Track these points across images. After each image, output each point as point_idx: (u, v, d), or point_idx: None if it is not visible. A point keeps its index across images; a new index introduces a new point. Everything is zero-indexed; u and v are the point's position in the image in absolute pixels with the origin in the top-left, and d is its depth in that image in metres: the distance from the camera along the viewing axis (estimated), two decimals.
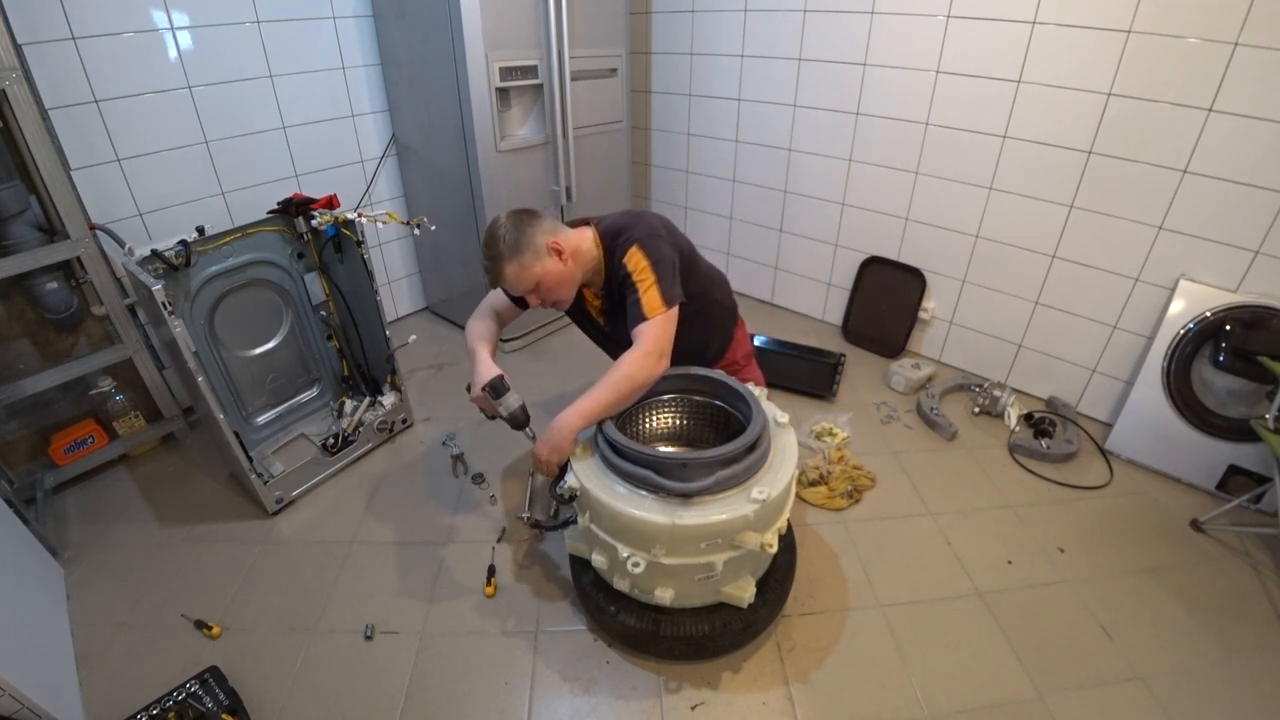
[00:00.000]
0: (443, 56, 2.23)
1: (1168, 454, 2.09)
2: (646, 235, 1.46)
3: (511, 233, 1.44)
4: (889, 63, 2.40)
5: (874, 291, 2.78)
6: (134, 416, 2.15)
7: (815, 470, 2.04)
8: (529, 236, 1.45)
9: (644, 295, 1.42)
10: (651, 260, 1.43)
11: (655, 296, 1.41)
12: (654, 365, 1.41)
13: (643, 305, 1.41)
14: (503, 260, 1.45)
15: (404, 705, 1.42)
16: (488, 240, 1.47)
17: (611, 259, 1.52)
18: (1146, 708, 1.40)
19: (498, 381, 1.51)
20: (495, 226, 1.48)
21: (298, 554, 1.82)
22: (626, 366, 1.40)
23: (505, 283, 1.50)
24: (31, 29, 1.77)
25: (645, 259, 1.43)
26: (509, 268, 1.45)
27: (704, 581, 1.36)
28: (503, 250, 1.44)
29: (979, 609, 1.63)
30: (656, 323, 1.41)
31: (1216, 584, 1.71)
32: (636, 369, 1.40)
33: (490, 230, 1.48)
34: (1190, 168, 1.91)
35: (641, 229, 1.47)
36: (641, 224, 1.49)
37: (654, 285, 1.42)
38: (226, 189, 2.32)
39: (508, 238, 1.44)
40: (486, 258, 1.48)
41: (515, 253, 1.44)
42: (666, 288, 1.42)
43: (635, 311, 1.42)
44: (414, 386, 2.53)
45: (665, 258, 1.45)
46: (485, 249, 1.48)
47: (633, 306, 1.43)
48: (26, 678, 1.23)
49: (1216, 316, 1.94)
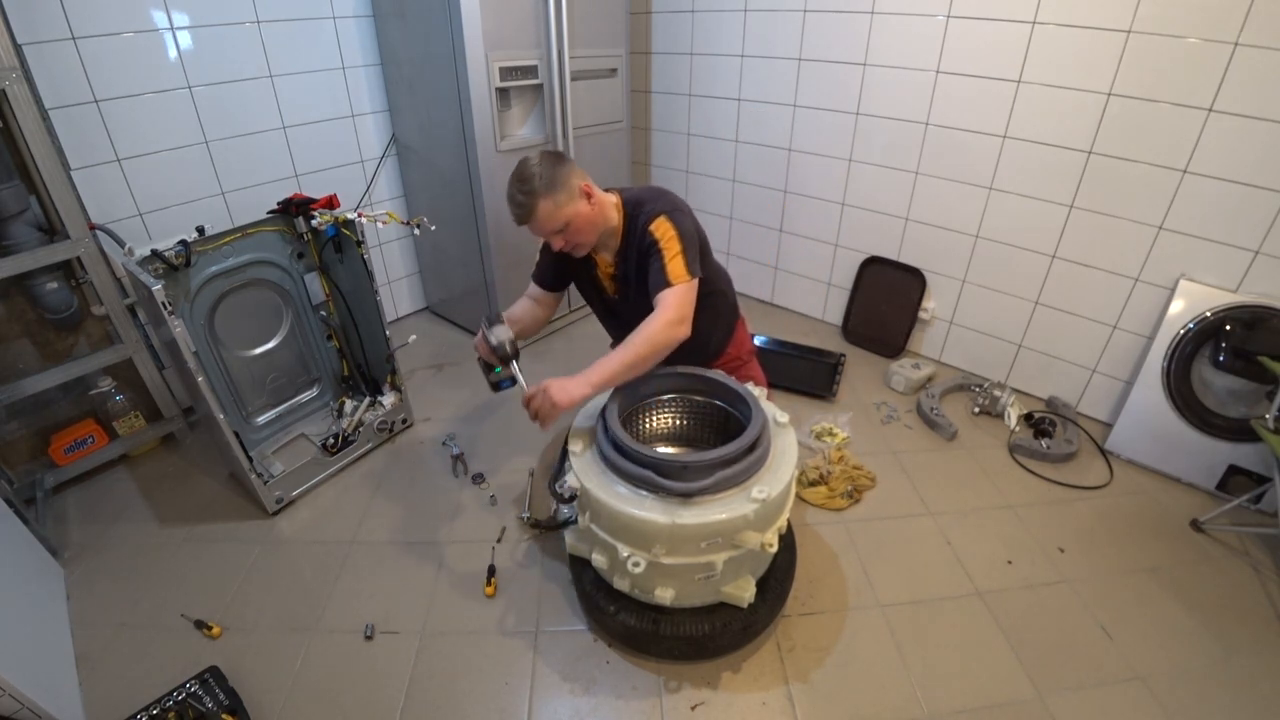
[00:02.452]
0: (443, 56, 2.23)
1: (1168, 454, 2.09)
2: (673, 209, 1.50)
3: (547, 170, 1.45)
4: (889, 63, 2.40)
5: (874, 291, 2.78)
6: (134, 416, 2.15)
7: (815, 470, 2.04)
8: (563, 176, 1.46)
9: (669, 262, 1.45)
10: (678, 231, 1.47)
11: (680, 265, 1.45)
12: (675, 331, 1.42)
13: (667, 272, 1.44)
14: (537, 196, 1.44)
15: (404, 705, 1.42)
16: (521, 176, 1.46)
17: (633, 226, 1.54)
18: (1146, 708, 1.40)
19: (494, 315, 1.56)
20: (528, 164, 1.47)
21: (298, 554, 1.82)
22: (649, 330, 1.41)
23: (535, 220, 1.48)
24: (31, 29, 1.77)
25: (673, 229, 1.47)
26: (543, 204, 1.45)
27: (704, 581, 1.36)
28: (538, 187, 1.44)
29: (979, 609, 1.63)
30: (680, 290, 1.44)
31: (1216, 584, 1.71)
32: (658, 332, 1.40)
33: (523, 168, 1.47)
34: (1190, 168, 1.91)
35: (667, 203, 1.52)
36: (666, 199, 1.54)
37: (680, 254, 1.45)
38: (226, 189, 2.32)
39: (544, 175, 1.45)
40: (520, 193, 1.46)
41: (550, 190, 1.45)
42: (691, 259, 1.46)
43: (660, 278, 1.45)
44: (414, 386, 2.53)
45: (690, 232, 1.49)
46: (518, 184, 1.46)
47: (657, 273, 1.45)
48: (26, 678, 1.23)
49: (1216, 316, 1.94)
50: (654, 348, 1.41)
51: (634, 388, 1.53)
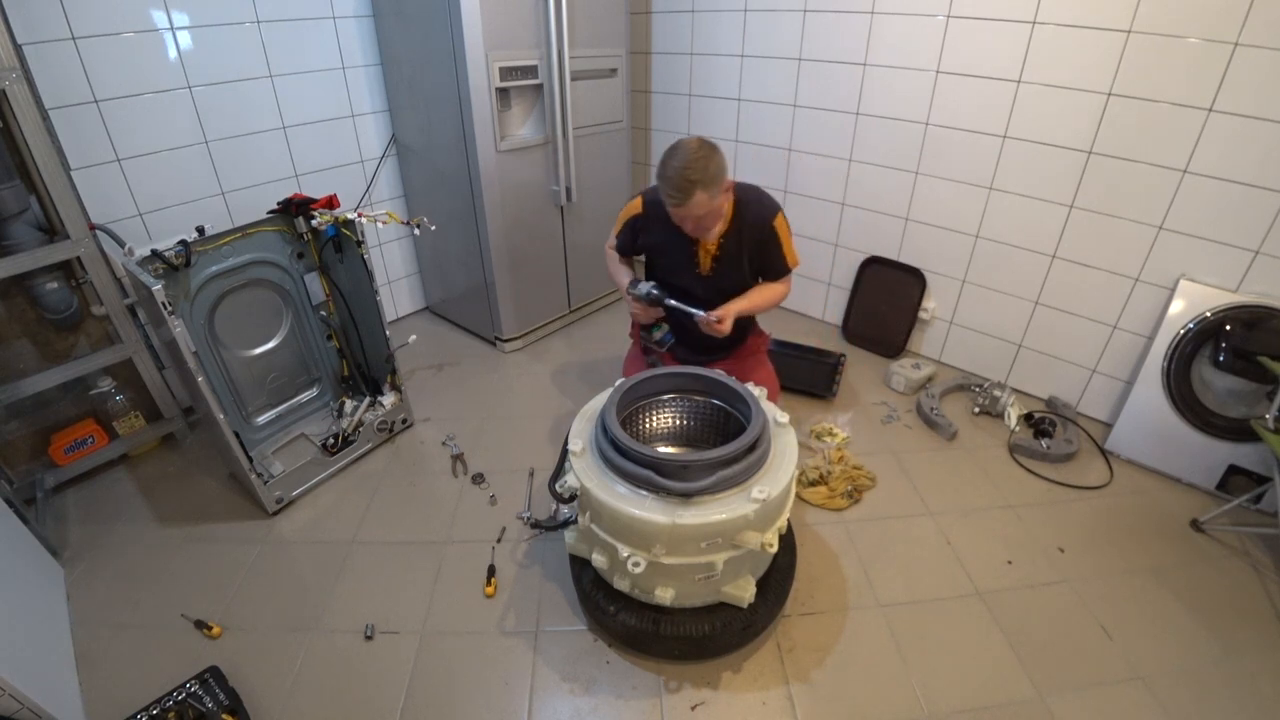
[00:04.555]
0: (443, 56, 2.23)
1: (1168, 454, 2.09)
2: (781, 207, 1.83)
3: (713, 162, 1.59)
4: (889, 63, 2.40)
5: (874, 291, 2.78)
6: (134, 416, 2.15)
7: (815, 470, 2.04)
8: (720, 169, 1.61)
9: (787, 251, 1.84)
10: (789, 228, 1.84)
11: (795, 253, 1.86)
12: (785, 296, 1.93)
13: (786, 259, 1.85)
14: (698, 186, 1.57)
15: (404, 705, 1.42)
16: (687, 163, 1.56)
17: (743, 215, 1.79)
18: (1146, 708, 1.40)
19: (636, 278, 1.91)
20: (692, 151, 1.58)
21: (298, 554, 1.82)
22: (776, 294, 1.90)
23: (688, 205, 1.61)
24: (31, 29, 1.77)
25: (787, 225, 1.83)
26: (701, 194, 1.59)
27: (704, 581, 1.36)
28: (702, 178, 1.57)
29: (979, 609, 1.63)
30: (792, 274, 1.90)
31: (1216, 584, 1.71)
32: (781, 294, 1.91)
33: (688, 152, 1.58)
34: (1190, 168, 1.91)
35: (774, 201, 1.83)
36: (770, 197, 1.84)
37: (791, 243, 1.85)
38: (226, 189, 2.32)
39: (710, 167, 1.58)
40: (682, 179, 1.56)
41: (712, 182, 1.59)
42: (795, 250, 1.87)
43: (780, 263, 1.85)
44: (414, 386, 2.53)
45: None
46: (684, 169, 1.56)
47: (779, 259, 1.85)
48: (26, 678, 1.23)
49: (1216, 316, 1.94)
50: (774, 301, 1.90)
51: (634, 387, 1.53)
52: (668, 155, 1.62)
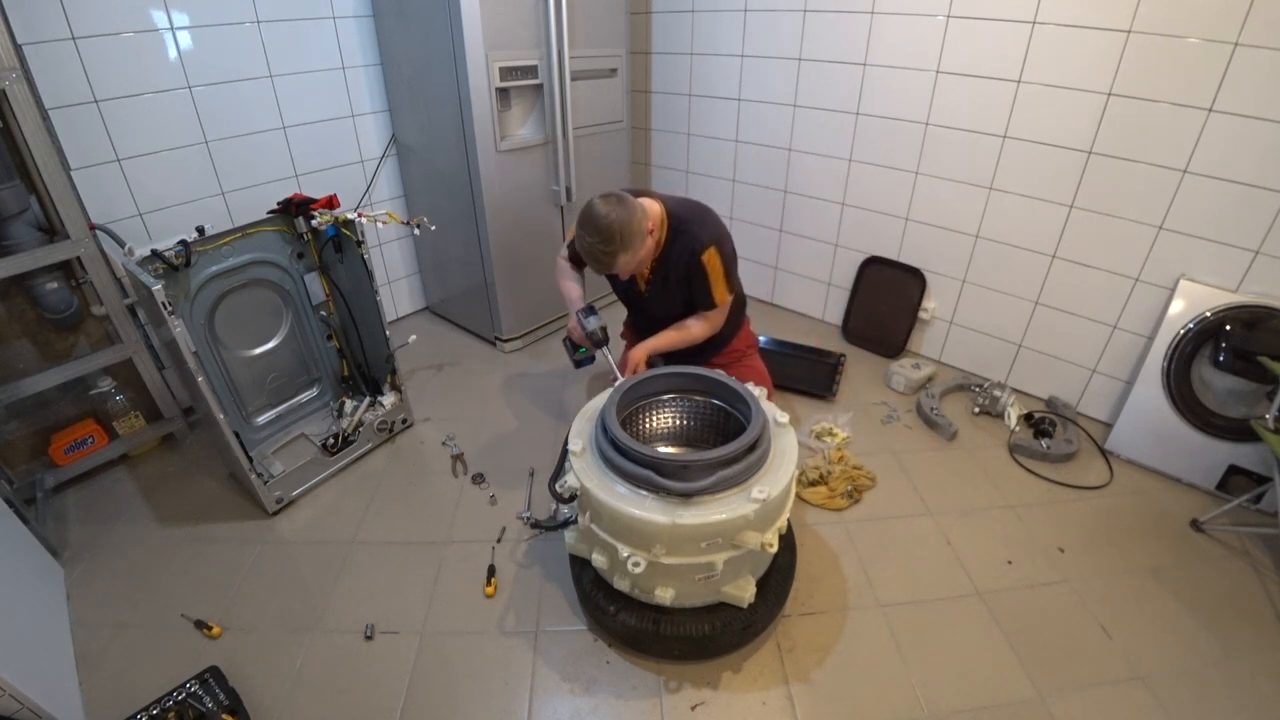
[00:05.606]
0: (443, 56, 2.23)
1: (1168, 454, 2.09)
2: (719, 238, 1.72)
3: (625, 225, 1.55)
4: (889, 63, 2.40)
5: (874, 291, 2.78)
6: (134, 416, 2.15)
7: (815, 470, 2.04)
8: (637, 225, 1.58)
9: (714, 287, 1.75)
10: (723, 261, 1.73)
11: (723, 289, 1.76)
12: (708, 334, 1.85)
13: (713, 295, 1.76)
14: (619, 254, 1.57)
15: (404, 705, 1.42)
16: (601, 233, 1.53)
17: (675, 243, 1.73)
18: (1146, 708, 1.40)
19: (590, 306, 1.86)
20: (603, 219, 1.53)
21: (298, 554, 1.82)
22: (692, 332, 1.83)
23: (615, 268, 1.62)
24: (31, 29, 1.77)
25: (719, 261, 1.72)
26: (623, 259, 1.59)
27: (704, 581, 1.36)
28: (618, 245, 1.55)
29: (979, 609, 1.63)
30: (721, 309, 1.82)
31: (1216, 584, 1.71)
32: (698, 335, 1.83)
33: (597, 221, 1.53)
34: (1190, 168, 1.91)
35: (712, 230, 1.72)
36: (710, 224, 1.73)
37: (723, 279, 1.75)
38: (226, 189, 2.31)
39: (622, 232, 1.55)
40: (601, 249, 1.55)
41: (629, 245, 1.57)
42: (731, 282, 1.79)
43: (706, 299, 1.77)
44: (414, 386, 2.53)
45: (730, 258, 1.76)
46: (599, 241, 1.54)
47: (704, 294, 1.76)
48: (26, 678, 1.23)
49: (1216, 316, 1.94)
50: (691, 342, 1.84)
51: (634, 387, 1.54)
52: (581, 227, 1.59)
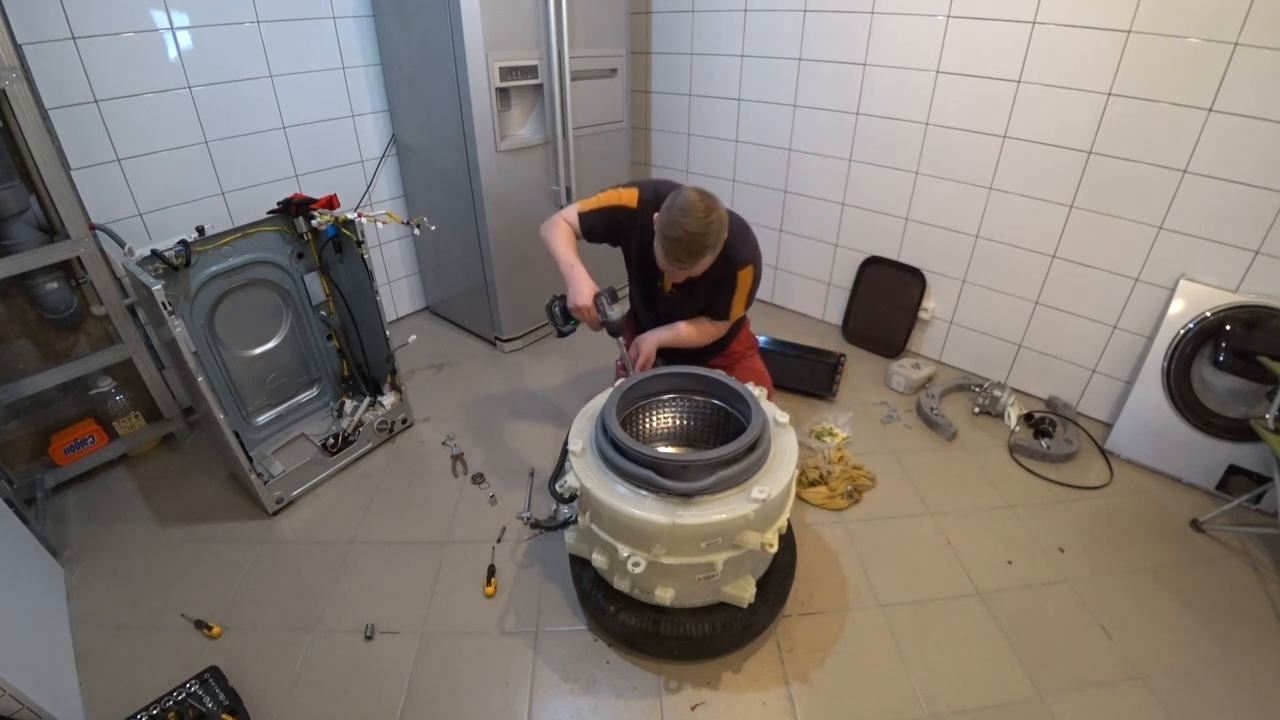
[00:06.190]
0: (443, 56, 2.23)
1: (1168, 454, 2.09)
2: (759, 259, 1.74)
3: (721, 226, 1.52)
4: (889, 63, 2.40)
5: (874, 291, 2.78)
6: (134, 416, 2.15)
7: (815, 470, 2.04)
8: (723, 232, 1.54)
9: (736, 302, 1.75)
10: (754, 281, 1.75)
11: (741, 306, 1.78)
12: (711, 339, 1.86)
13: (731, 308, 1.77)
14: (708, 252, 1.53)
15: (404, 705, 1.42)
16: (699, 229, 1.47)
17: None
18: (1146, 708, 1.40)
19: (613, 290, 1.78)
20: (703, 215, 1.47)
21: (298, 554, 1.82)
22: (698, 334, 1.82)
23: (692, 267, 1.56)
24: (31, 29, 1.77)
25: (751, 281, 1.74)
26: (708, 258, 1.56)
27: (704, 581, 1.36)
28: (715, 243, 1.53)
29: (979, 609, 1.63)
30: (731, 322, 1.84)
31: (1216, 584, 1.71)
32: (702, 338, 1.84)
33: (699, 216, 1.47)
34: (1190, 168, 1.91)
35: (755, 248, 1.74)
36: (754, 242, 1.74)
37: (745, 298, 1.76)
38: (226, 189, 2.31)
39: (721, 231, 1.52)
40: (694, 242, 1.48)
41: (719, 245, 1.55)
42: (749, 302, 1.80)
43: (723, 308, 1.77)
44: (414, 386, 2.53)
45: (759, 280, 1.77)
46: (695, 235, 1.47)
47: (723, 304, 1.77)
48: (26, 678, 1.23)
49: (1216, 316, 1.94)
50: (695, 343, 1.84)
51: (634, 387, 1.53)
52: (676, 213, 1.48)
